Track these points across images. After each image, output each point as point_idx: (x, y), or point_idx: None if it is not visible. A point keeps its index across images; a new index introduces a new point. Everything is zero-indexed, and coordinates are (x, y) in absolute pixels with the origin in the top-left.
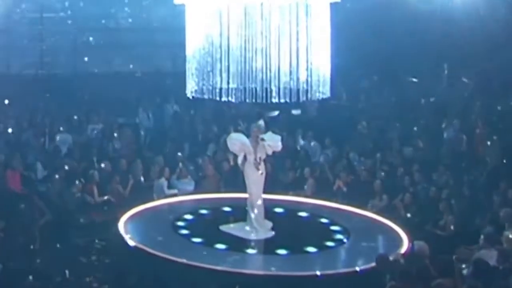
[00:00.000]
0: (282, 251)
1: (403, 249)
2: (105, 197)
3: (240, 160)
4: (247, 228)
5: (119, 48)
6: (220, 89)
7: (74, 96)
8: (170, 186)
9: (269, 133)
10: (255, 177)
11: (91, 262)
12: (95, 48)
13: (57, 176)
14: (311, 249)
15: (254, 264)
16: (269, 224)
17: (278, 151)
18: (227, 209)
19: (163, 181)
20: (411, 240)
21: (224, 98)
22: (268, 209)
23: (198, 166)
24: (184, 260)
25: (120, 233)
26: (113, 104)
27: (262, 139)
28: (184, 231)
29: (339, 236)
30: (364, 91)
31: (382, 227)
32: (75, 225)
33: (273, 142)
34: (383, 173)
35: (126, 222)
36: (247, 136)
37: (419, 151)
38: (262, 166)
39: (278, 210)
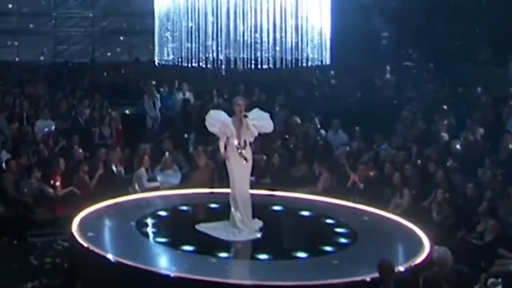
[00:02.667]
0: (263, 256)
1: (421, 258)
2: (69, 189)
3: (221, 145)
4: (229, 227)
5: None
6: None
7: (74, 84)
8: (152, 179)
9: (256, 110)
10: (238, 165)
11: (42, 265)
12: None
13: (13, 163)
14: (300, 254)
15: (217, 269)
16: (258, 223)
17: (267, 132)
18: (213, 205)
19: (142, 172)
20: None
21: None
22: (264, 206)
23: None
24: (130, 263)
25: (72, 232)
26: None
27: (245, 116)
28: (151, 230)
29: (342, 240)
30: (414, 77)
31: (401, 231)
32: (32, 221)
33: (259, 120)
34: (408, 166)
35: (84, 219)
36: (230, 114)
37: (469, 145)
38: (247, 152)
39: (276, 208)
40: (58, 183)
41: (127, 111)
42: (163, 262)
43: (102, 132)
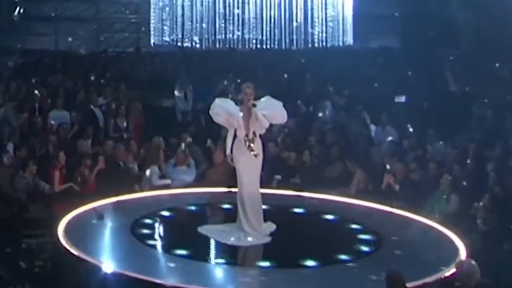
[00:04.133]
0: (264, 263)
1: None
2: (67, 185)
3: (228, 140)
4: (235, 231)
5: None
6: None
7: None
8: (164, 175)
9: (266, 98)
10: (246, 160)
11: (30, 269)
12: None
13: (5, 158)
14: (309, 262)
15: (206, 276)
16: (269, 227)
17: (281, 124)
18: (226, 206)
19: (154, 169)
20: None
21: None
22: (284, 208)
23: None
24: (108, 267)
25: (57, 234)
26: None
27: (253, 105)
28: (147, 232)
29: (362, 248)
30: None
31: (436, 240)
32: (26, 219)
33: (270, 110)
34: (458, 167)
35: (73, 220)
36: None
37: None
38: (257, 146)
39: (298, 210)
40: (56, 179)
41: (164, 104)
42: (147, 267)
43: (117, 123)
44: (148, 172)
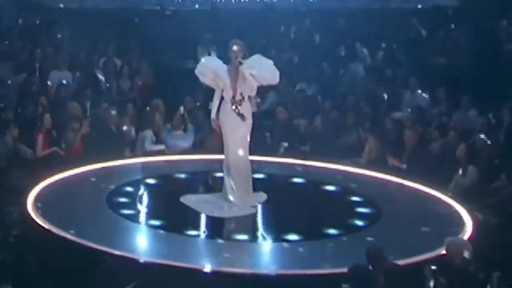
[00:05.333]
0: (240, 237)
1: None
2: (51, 150)
3: (214, 101)
4: (219, 201)
5: None
6: None
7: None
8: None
9: (256, 56)
10: (233, 125)
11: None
12: None
13: None
14: (292, 237)
15: (173, 248)
16: (258, 198)
17: (272, 84)
18: (220, 174)
19: (147, 133)
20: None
21: None
22: (283, 178)
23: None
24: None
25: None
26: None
27: (240, 63)
28: (122, 200)
29: (355, 222)
30: None
31: (442, 216)
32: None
33: (258, 69)
34: (483, 136)
35: (47, 188)
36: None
37: None
38: (245, 109)
39: (297, 180)
40: (39, 143)
41: (189, 65)
42: (115, 237)
43: (120, 86)
44: (141, 136)
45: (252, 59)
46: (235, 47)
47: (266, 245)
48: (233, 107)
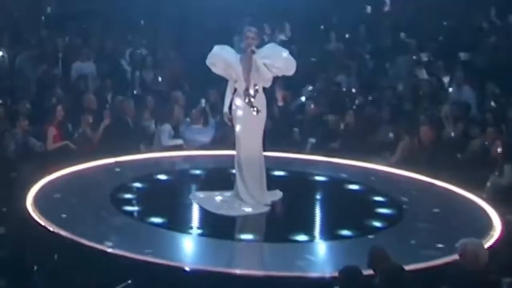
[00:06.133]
0: (246, 236)
1: None
2: (62, 143)
3: (227, 94)
4: (230, 199)
5: None
6: None
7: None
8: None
9: (270, 45)
10: (245, 118)
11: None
12: None
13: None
14: (301, 237)
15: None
16: (273, 196)
17: (287, 75)
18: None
19: (165, 127)
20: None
21: None
22: (304, 175)
23: None
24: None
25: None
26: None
27: (252, 52)
28: (127, 196)
29: (374, 223)
30: None
31: (468, 218)
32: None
33: (272, 59)
34: None
35: (53, 182)
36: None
37: None
38: (259, 101)
39: (319, 178)
40: (50, 136)
41: None
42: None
43: (143, 77)
44: (158, 130)
45: (266, 47)
46: (249, 34)
47: (267, 245)
48: (246, 99)
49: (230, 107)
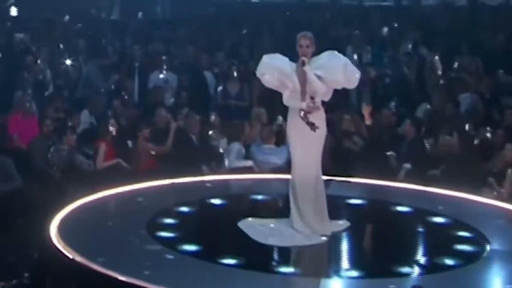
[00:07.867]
0: (285, 269)
1: None
2: (113, 161)
3: (285, 99)
4: (281, 227)
5: None
6: None
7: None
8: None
9: (327, 53)
10: (300, 136)
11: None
12: None
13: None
14: (355, 273)
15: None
16: (336, 226)
17: (350, 88)
18: None
19: (234, 147)
20: None
21: None
22: (385, 205)
23: None
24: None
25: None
26: None
27: (303, 63)
28: (167, 221)
29: (448, 262)
30: None
31: None
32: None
33: (326, 70)
34: None
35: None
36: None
37: None
38: (317, 115)
39: (402, 209)
40: (101, 153)
41: None
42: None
43: (227, 90)
44: (227, 149)
45: (323, 55)
46: (303, 41)
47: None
48: (302, 114)
49: None
